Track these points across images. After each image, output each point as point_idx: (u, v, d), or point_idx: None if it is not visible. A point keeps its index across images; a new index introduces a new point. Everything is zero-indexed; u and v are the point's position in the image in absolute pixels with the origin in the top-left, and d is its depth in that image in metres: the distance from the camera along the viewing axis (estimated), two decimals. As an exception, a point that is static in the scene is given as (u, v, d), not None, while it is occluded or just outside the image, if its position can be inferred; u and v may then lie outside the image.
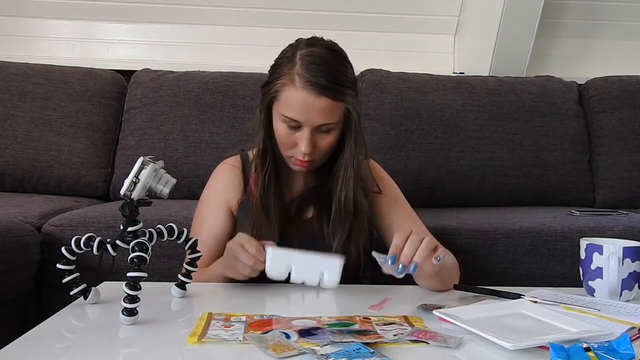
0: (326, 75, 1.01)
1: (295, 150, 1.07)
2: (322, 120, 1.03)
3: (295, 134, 1.05)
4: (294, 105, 1.02)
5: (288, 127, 1.05)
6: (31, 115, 1.87)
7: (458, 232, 1.43)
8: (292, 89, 1.02)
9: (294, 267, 0.91)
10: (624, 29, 2.43)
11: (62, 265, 0.83)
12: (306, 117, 1.02)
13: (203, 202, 1.21)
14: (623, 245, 0.95)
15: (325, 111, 1.02)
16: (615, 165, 2.00)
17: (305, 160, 1.06)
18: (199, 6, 2.24)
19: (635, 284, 0.96)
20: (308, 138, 1.03)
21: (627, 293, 0.96)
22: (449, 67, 2.38)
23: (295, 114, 1.02)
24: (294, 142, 1.05)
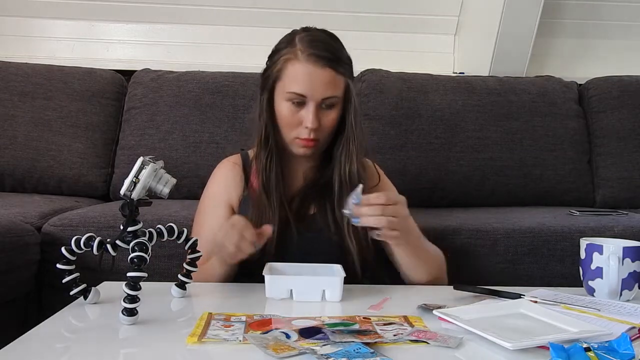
0: (328, 49, 1.07)
1: (299, 130, 1.08)
2: (326, 92, 1.06)
3: (300, 112, 1.07)
4: (300, 78, 1.05)
5: (293, 105, 1.07)
6: (31, 115, 1.87)
7: (458, 232, 1.43)
8: (296, 63, 1.06)
9: (294, 290, 0.90)
10: (624, 29, 2.43)
11: (62, 265, 0.83)
12: (312, 89, 1.05)
13: (204, 199, 1.21)
14: (623, 245, 0.95)
15: (330, 83, 1.06)
16: (615, 165, 2.00)
17: (310, 139, 1.08)
18: (199, 6, 2.24)
19: (635, 284, 0.96)
20: (313, 112, 1.06)
21: (627, 293, 0.96)
22: (449, 67, 2.38)
23: (301, 87, 1.05)
24: (299, 121, 1.08)
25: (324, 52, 1.06)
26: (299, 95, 1.06)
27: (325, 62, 1.05)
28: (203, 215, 1.19)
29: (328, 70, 1.05)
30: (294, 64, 1.06)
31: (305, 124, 1.07)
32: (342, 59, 1.09)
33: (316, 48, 1.06)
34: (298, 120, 1.08)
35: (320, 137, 1.10)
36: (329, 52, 1.06)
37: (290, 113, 1.08)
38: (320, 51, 1.06)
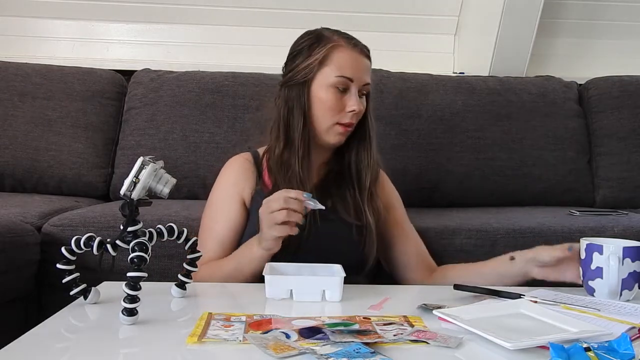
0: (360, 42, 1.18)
1: (341, 115, 1.14)
2: (367, 78, 1.16)
3: (343, 98, 1.13)
4: (349, 62, 1.13)
5: (337, 91, 1.13)
6: (31, 115, 1.87)
7: (458, 232, 1.43)
8: (343, 49, 1.14)
9: (294, 290, 0.90)
10: (624, 29, 2.43)
11: (62, 265, 0.83)
12: (358, 73, 1.14)
13: (215, 194, 1.21)
14: (623, 245, 0.95)
15: (368, 71, 1.17)
16: (615, 165, 2.00)
17: (351, 122, 1.14)
18: (199, 6, 2.24)
19: (635, 283, 0.96)
20: (356, 96, 1.14)
21: (627, 293, 0.96)
22: (449, 67, 2.38)
23: (350, 71, 1.13)
24: (342, 106, 1.14)
25: (361, 44, 1.17)
26: (348, 79, 1.13)
27: (365, 51, 1.17)
28: (215, 209, 1.19)
29: (366, 60, 1.17)
30: (342, 50, 1.13)
31: (351, 107, 1.13)
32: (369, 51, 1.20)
33: (352, 39, 1.16)
34: (341, 105, 1.14)
35: (355, 122, 1.16)
36: (365, 47, 1.18)
37: (334, 98, 1.13)
38: (359, 42, 1.17)
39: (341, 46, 1.14)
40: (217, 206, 1.18)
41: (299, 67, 1.15)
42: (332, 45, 1.13)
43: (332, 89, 1.13)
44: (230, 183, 1.19)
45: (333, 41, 1.14)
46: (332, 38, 1.15)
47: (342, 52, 1.13)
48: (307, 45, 1.16)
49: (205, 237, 1.16)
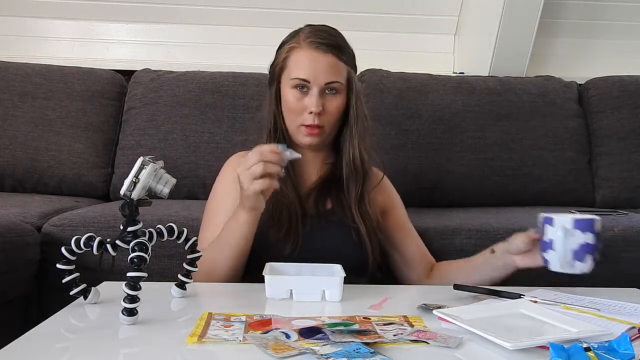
0: (329, 38, 1.12)
1: (304, 117, 1.11)
2: (329, 77, 1.10)
3: (304, 99, 1.11)
4: (302, 63, 1.10)
5: (298, 91, 1.11)
6: (31, 115, 1.87)
7: (458, 232, 1.43)
8: (299, 50, 1.12)
9: (294, 290, 0.90)
10: (624, 29, 2.43)
11: (62, 265, 0.83)
12: (314, 74, 1.10)
13: (216, 191, 1.22)
14: (574, 217, 0.96)
15: (332, 68, 1.10)
16: (615, 165, 2.00)
17: (315, 125, 1.10)
18: (199, 6, 2.24)
19: (587, 255, 0.95)
20: (317, 97, 1.10)
21: (580, 265, 0.95)
22: (449, 67, 2.38)
23: (304, 72, 1.10)
24: (303, 107, 1.11)
25: (325, 39, 1.11)
26: (302, 80, 1.10)
27: (326, 47, 1.10)
28: (216, 204, 1.19)
29: (329, 56, 1.10)
30: (297, 51, 1.11)
31: (309, 108, 1.10)
32: (344, 47, 1.14)
33: (318, 36, 1.11)
34: (303, 106, 1.11)
35: (325, 123, 1.12)
36: (331, 40, 1.12)
37: (295, 100, 1.11)
38: (322, 39, 1.11)
39: (297, 47, 1.12)
40: (219, 202, 1.19)
41: (272, 66, 1.18)
42: (290, 46, 1.13)
43: (292, 90, 1.12)
44: (231, 180, 1.18)
45: (294, 42, 1.13)
46: (297, 38, 1.14)
47: (298, 54, 1.12)
48: (280, 44, 1.18)
49: (205, 227, 1.17)
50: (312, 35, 1.12)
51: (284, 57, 1.13)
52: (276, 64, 1.16)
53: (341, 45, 1.14)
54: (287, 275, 0.94)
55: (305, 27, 1.16)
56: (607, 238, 1.43)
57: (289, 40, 1.15)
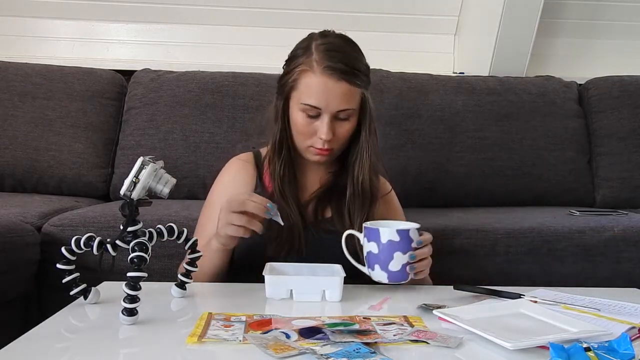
0: (344, 61, 1.04)
1: (314, 139, 1.08)
2: (341, 105, 1.05)
3: (315, 123, 1.07)
4: (314, 91, 1.04)
5: (307, 116, 1.07)
6: (31, 115, 1.87)
7: (458, 232, 1.43)
8: (311, 75, 1.04)
9: (294, 290, 0.90)
10: (624, 29, 2.43)
11: (62, 265, 0.83)
12: (326, 102, 1.04)
13: (213, 195, 1.20)
14: (366, 226, 0.98)
15: (345, 96, 1.05)
16: (615, 165, 2.01)
17: (325, 149, 1.08)
18: (199, 6, 2.24)
19: (374, 264, 0.97)
20: (327, 124, 1.05)
21: (373, 273, 0.98)
22: (449, 67, 2.38)
23: (315, 100, 1.04)
24: (313, 131, 1.08)
25: (339, 65, 1.04)
26: (314, 107, 1.05)
27: (340, 75, 1.03)
28: (210, 209, 1.17)
29: (343, 84, 1.04)
30: (309, 77, 1.05)
31: (320, 135, 1.06)
32: (359, 69, 1.07)
33: (332, 60, 1.04)
34: (312, 130, 1.08)
35: (335, 146, 1.10)
36: (345, 64, 1.04)
37: (305, 123, 1.07)
38: (336, 63, 1.04)
39: (309, 71, 1.05)
40: (214, 208, 1.18)
41: (282, 80, 1.12)
42: (302, 69, 1.06)
43: (301, 113, 1.07)
44: (228, 186, 1.18)
45: (307, 62, 1.05)
46: (307, 58, 1.06)
47: (309, 78, 1.05)
48: (293, 56, 1.10)
49: (197, 232, 1.16)
50: (326, 58, 1.04)
51: (294, 78, 1.07)
52: (286, 80, 1.09)
53: (355, 67, 1.06)
54: (287, 275, 0.94)
55: (318, 39, 1.08)
56: (607, 238, 1.44)
57: (301, 56, 1.08)
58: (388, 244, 0.95)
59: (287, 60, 1.13)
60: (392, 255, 0.95)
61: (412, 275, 0.97)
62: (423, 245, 0.97)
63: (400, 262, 0.95)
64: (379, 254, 0.96)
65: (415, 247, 0.96)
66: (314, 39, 1.09)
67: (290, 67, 1.09)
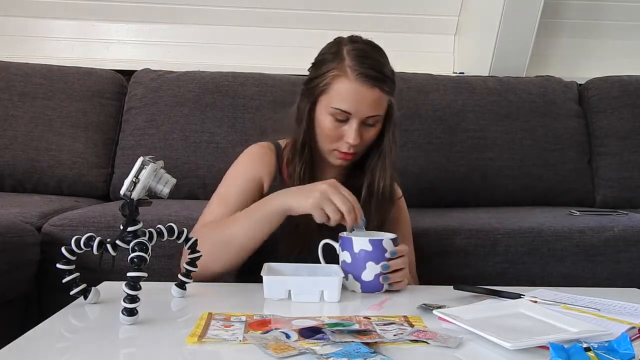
0: (376, 68, 1.06)
1: (339, 143, 1.09)
2: (371, 111, 1.07)
3: (342, 127, 1.08)
4: (347, 96, 1.05)
5: (335, 120, 1.07)
6: (31, 115, 1.87)
7: (458, 232, 1.43)
8: (344, 80, 1.05)
9: (292, 290, 0.90)
10: (624, 29, 2.43)
11: (62, 265, 0.83)
12: (357, 108, 1.05)
13: (233, 170, 1.18)
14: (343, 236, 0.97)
15: (375, 102, 1.07)
16: (615, 165, 2.01)
17: (349, 153, 1.09)
18: (199, 6, 2.25)
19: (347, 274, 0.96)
20: (356, 130, 1.06)
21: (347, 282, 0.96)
22: (449, 67, 2.38)
23: (347, 105, 1.05)
24: (340, 135, 1.08)
25: (373, 72, 1.05)
26: (344, 112, 1.06)
27: (374, 82, 1.05)
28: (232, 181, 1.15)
29: (376, 90, 1.06)
30: (342, 81, 1.05)
31: (347, 139, 1.07)
32: (388, 76, 1.09)
33: (365, 66, 1.05)
34: (339, 134, 1.08)
35: (359, 150, 1.11)
36: (377, 71, 1.06)
37: (332, 127, 1.08)
38: (369, 70, 1.05)
39: (343, 76, 1.05)
40: (239, 179, 1.15)
41: (310, 83, 1.11)
42: (335, 74, 1.06)
43: (329, 117, 1.08)
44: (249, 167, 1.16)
45: (339, 68, 1.06)
46: (339, 63, 1.06)
47: (342, 84, 1.05)
48: (322, 62, 1.10)
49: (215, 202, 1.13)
50: (360, 64, 1.05)
51: (326, 82, 1.07)
52: (316, 84, 1.09)
53: (386, 74, 1.08)
54: (285, 276, 0.94)
55: (348, 45, 1.09)
56: (607, 238, 1.44)
57: (331, 61, 1.08)
58: (360, 254, 0.95)
59: (315, 63, 1.13)
60: (364, 265, 0.94)
61: (387, 286, 0.96)
62: (398, 256, 0.96)
63: (373, 272, 0.94)
64: (352, 264, 0.96)
65: (390, 257, 0.95)
66: (344, 44, 1.09)
67: (320, 71, 1.09)
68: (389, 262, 0.95)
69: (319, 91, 1.09)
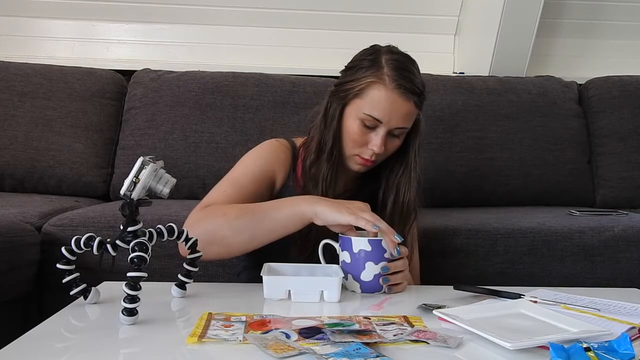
0: (414, 81, 1.07)
1: (362, 149, 1.09)
2: (401, 123, 1.07)
3: (369, 134, 1.08)
4: (381, 104, 1.05)
5: (364, 125, 1.07)
6: (31, 115, 1.87)
7: (458, 232, 1.43)
8: (382, 88, 1.05)
9: (292, 290, 0.90)
10: (624, 29, 2.43)
11: (62, 265, 0.83)
12: (389, 117, 1.05)
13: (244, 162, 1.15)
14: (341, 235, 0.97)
15: (407, 115, 1.07)
16: (615, 165, 2.01)
17: (370, 160, 1.09)
18: (199, 6, 2.25)
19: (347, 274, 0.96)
20: (382, 138, 1.07)
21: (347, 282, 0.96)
22: (449, 67, 2.38)
23: (379, 113, 1.05)
24: (365, 141, 1.08)
25: (410, 84, 1.05)
26: (375, 119, 1.06)
27: (410, 95, 1.05)
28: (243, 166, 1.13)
29: (411, 103, 1.06)
30: (379, 89, 1.05)
31: (372, 147, 1.07)
32: (422, 91, 1.09)
33: (404, 78, 1.05)
34: (365, 140, 1.08)
35: (379, 159, 1.11)
36: (415, 85, 1.06)
37: (359, 132, 1.08)
38: (408, 82, 1.05)
39: (380, 83, 1.05)
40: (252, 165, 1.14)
41: (343, 86, 1.11)
42: (372, 80, 1.06)
43: (358, 121, 1.07)
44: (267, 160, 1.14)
45: (377, 75, 1.06)
46: (378, 70, 1.06)
47: (379, 91, 1.05)
48: (357, 67, 1.10)
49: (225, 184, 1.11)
50: (398, 76, 1.05)
51: (362, 87, 1.06)
52: (350, 87, 1.08)
53: (420, 89, 1.08)
54: (285, 276, 0.94)
55: (386, 54, 1.09)
56: (607, 238, 1.44)
57: (369, 67, 1.08)
58: (360, 254, 0.94)
59: (349, 68, 1.12)
60: (363, 265, 0.94)
61: (386, 288, 0.95)
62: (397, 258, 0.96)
63: (372, 272, 0.94)
64: (351, 264, 0.96)
65: (390, 258, 0.95)
66: (382, 53, 1.09)
67: (356, 76, 1.08)
68: (388, 264, 0.95)
69: (352, 95, 1.08)
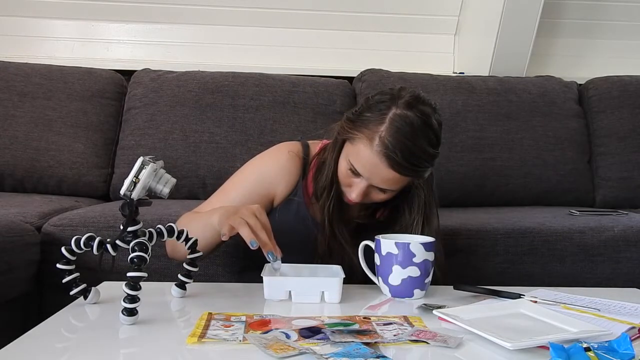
0: (405, 152, 0.97)
1: (347, 190, 1.07)
2: (383, 185, 1.03)
3: (353, 179, 1.04)
4: (363, 161, 1.01)
5: (350, 169, 1.04)
6: (31, 115, 1.87)
7: (458, 232, 1.43)
8: (367, 147, 0.99)
9: (292, 291, 0.90)
10: (624, 29, 2.43)
11: (62, 265, 0.83)
12: (369, 175, 1.01)
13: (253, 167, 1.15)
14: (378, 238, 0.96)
15: (389, 181, 1.01)
16: (615, 165, 2.01)
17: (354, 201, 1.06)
18: (199, 6, 2.25)
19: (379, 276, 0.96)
20: (362, 189, 1.03)
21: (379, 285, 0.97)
22: (449, 67, 2.38)
23: (360, 168, 1.01)
24: (349, 184, 1.06)
25: (398, 156, 0.97)
26: (356, 172, 1.03)
27: (393, 165, 0.98)
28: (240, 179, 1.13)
29: (392, 172, 0.99)
30: (365, 147, 0.99)
31: (350, 194, 1.05)
32: (419, 163, 1.01)
33: (395, 146, 0.97)
34: (349, 183, 1.06)
35: (367, 203, 1.09)
36: (404, 157, 0.97)
37: (346, 174, 1.05)
38: (396, 153, 0.97)
39: (368, 142, 0.99)
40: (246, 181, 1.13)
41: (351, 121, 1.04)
42: (365, 135, 0.99)
43: (345, 164, 1.04)
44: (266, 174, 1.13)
45: (372, 130, 0.99)
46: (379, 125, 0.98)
47: (365, 149, 0.99)
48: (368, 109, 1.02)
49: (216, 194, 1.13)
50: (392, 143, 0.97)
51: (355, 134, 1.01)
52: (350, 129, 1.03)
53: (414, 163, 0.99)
54: (285, 277, 0.94)
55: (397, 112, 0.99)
56: (607, 238, 1.44)
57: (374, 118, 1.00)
58: (387, 256, 0.94)
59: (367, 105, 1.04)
60: (390, 269, 0.93)
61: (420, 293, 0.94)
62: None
63: (399, 276, 0.93)
64: (380, 266, 0.95)
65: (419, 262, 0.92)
66: (396, 106, 1.00)
67: (360, 118, 1.02)
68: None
69: (350, 137, 1.03)
